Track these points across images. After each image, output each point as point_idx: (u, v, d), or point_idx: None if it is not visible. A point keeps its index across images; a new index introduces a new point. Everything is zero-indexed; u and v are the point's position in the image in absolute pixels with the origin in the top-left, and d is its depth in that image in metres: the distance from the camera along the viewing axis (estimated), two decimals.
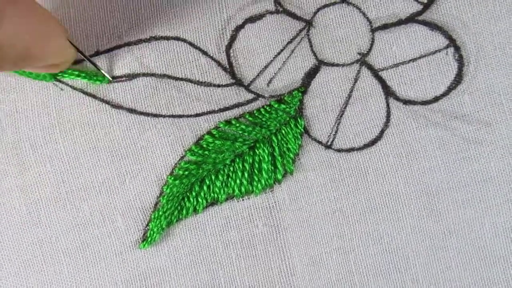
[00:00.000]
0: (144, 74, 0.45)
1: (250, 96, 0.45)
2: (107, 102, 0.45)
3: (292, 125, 0.45)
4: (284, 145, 0.45)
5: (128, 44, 0.45)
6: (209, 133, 0.45)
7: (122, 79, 0.45)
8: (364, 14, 0.45)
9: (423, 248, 0.46)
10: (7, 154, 0.44)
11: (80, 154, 0.45)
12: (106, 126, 0.45)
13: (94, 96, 0.45)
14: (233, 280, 0.45)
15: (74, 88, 0.45)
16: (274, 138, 0.45)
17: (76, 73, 0.44)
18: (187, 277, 0.45)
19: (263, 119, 0.45)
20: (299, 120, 0.45)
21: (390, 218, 0.46)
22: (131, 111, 0.45)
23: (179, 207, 0.45)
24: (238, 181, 0.45)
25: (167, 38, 0.45)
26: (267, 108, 0.45)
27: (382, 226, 0.46)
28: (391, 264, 0.46)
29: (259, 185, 0.45)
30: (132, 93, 0.45)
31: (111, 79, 0.44)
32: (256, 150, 0.45)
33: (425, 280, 0.46)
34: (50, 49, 0.38)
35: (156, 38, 0.45)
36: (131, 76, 0.45)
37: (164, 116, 0.45)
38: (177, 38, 0.45)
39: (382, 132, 0.45)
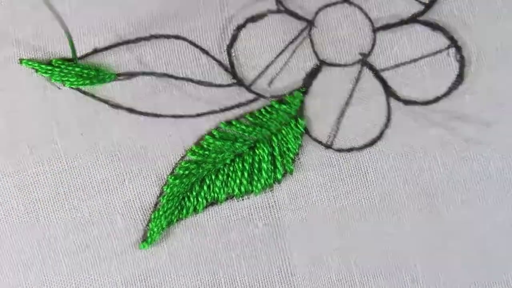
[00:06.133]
0: (144, 73, 0.44)
1: (251, 96, 0.45)
2: (105, 102, 0.44)
3: (293, 125, 0.45)
4: (284, 145, 0.45)
5: (127, 42, 0.44)
6: (209, 133, 0.45)
7: (121, 77, 0.44)
8: (366, 14, 0.45)
9: (423, 248, 0.46)
10: (4, 154, 0.44)
11: (78, 154, 0.44)
12: (104, 125, 0.44)
13: (92, 96, 0.44)
14: (234, 280, 0.45)
15: (71, 87, 0.44)
16: (274, 138, 0.45)
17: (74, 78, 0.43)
18: (187, 277, 0.45)
19: (264, 119, 0.45)
20: (300, 121, 0.45)
21: (390, 218, 0.46)
22: (131, 110, 0.44)
23: (179, 207, 0.45)
24: (238, 181, 0.45)
25: (167, 36, 0.44)
26: (268, 108, 0.45)
27: (382, 226, 0.46)
28: (391, 264, 0.46)
29: (259, 184, 0.45)
30: (131, 92, 0.44)
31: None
32: (256, 150, 0.45)
33: (425, 280, 0.46)
34: None
35: (155, 37, 0.44)
36: (130, 75, 0.44)
37: (164, 116, 0.44)
38: (178, 37, 0.44)
39: (382, 132, 0.45)
